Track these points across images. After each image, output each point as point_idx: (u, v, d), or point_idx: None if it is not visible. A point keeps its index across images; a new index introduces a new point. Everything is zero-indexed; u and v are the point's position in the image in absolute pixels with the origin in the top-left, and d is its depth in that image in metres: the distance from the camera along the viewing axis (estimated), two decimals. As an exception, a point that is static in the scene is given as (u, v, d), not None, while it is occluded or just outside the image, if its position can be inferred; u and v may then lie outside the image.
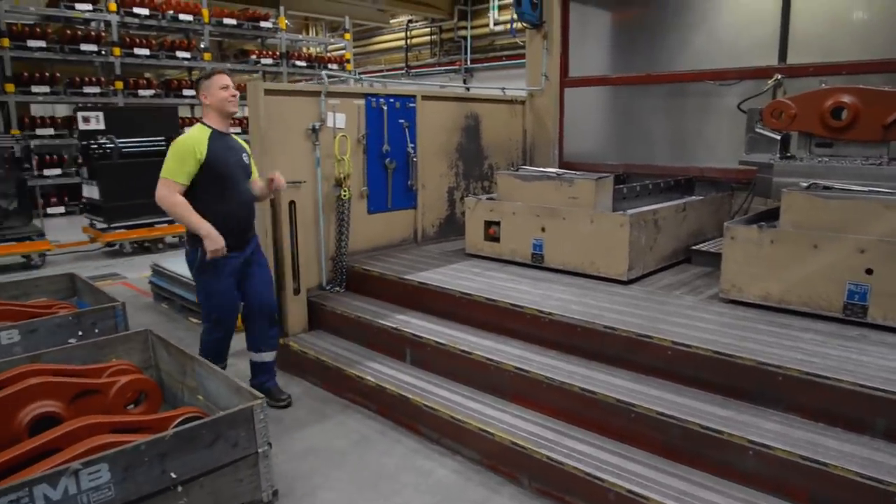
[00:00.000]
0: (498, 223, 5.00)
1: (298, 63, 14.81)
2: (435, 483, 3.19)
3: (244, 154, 3.85)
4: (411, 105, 5.47)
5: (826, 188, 3.64)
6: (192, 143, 3.53)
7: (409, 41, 20.94)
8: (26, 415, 2.93)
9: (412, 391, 3.72)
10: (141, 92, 12.75)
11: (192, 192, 3.55)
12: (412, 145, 5.49)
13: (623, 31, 6.32)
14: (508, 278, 4.53)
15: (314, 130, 4.77)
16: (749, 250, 3.76)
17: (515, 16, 6.34)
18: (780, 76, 4.85)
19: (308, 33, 21.10)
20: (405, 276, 4.63)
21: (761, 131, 4.36)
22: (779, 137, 4.28)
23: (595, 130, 6.62)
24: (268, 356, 4.03)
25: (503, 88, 6.53)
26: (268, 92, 4.45)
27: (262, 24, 13.91)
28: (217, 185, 3.59)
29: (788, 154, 4.27)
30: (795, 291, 3.62)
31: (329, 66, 15.40)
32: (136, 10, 12.23)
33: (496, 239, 5.03)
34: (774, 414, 2.91)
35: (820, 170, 3.90)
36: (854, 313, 3.46)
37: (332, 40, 17.28)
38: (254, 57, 14.07)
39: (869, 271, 3.39)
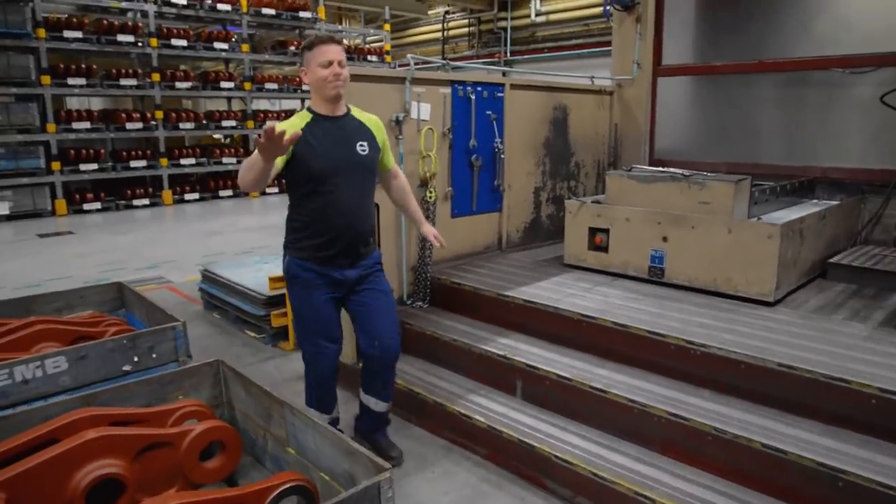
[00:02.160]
0: (606, 231, 4.36)
1: (338, 55, 14.25)
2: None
3: (362, 143, 2.97)
4: (499, 94, 4.84)
5: None
6: (290, 128, 2.83)
7: (446, 33, 20.36)
8: (84, 476, 2.35)
9: (535, 437, 3.09)
10: (178, 84, 12.27)
11: (289, 190, 2.97)
12: (499, 140, 4.86)
13: (727, 13, 5.60)
14: (627, 296, 3.89)
15: (398, 122, 4.16)
16: (947, 271, 3.09)
17: (607, -4, 5.68)
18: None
19: (341, 24, 20.58)
20: (505, 291, 4.01)
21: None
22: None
23: (692, 124, 5.93)
24: (381, 406, 3.26)
25: (592, 77, 5.87)
26: (353, 78, 3.84)
27: (301, 14, 13.36)
28: (310, 185, 2.87)
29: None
30: None
31: (369, 57, 14.83)
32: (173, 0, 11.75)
33: (604, 248, 4.40)
34: None
35: None
36: None
37: (371, 31, 16.71)
38: (293, 48, 13.53)
39: None
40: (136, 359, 3.42)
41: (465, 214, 4.81)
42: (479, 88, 4.68)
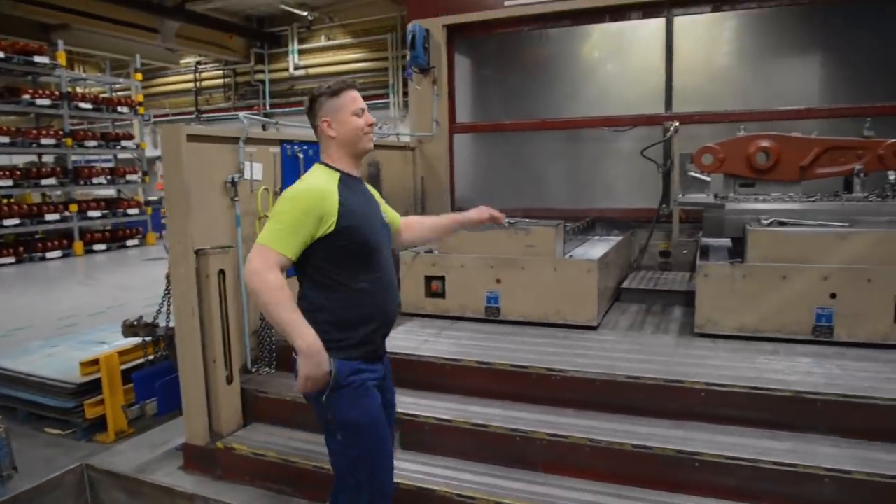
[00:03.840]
0: (442, 278, 4.66)
1: (83, 105, 12.84)
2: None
3: (380, 208, 2.60)
4: (323, 153, 4.93)
5: (781, 223, 3.97)
6: (317, 195, 2.30)
7: (199, 83, 19.52)
8: None
9: (430, 481, 3.19)
10: None
11: (318, 275, 2.36)
12: (326, 197, 4.92)
13: (513, 77, 6.42)
14: (476, 336, 4.21)
15: (233, 183, 4.03)
16: (722, 286, 3.93)
17: (408, 58, 6.13)
18: (677, 123, 5.23)
19: (81, 71, 18.52)
20: (361, 345, 4.06)
21: (694, 174, 4.65)
22: (709, 179, 4.60)
23: (488, 176, 6.61)
24: None
25: (398, 134, 6.23)
26: (190, 137, 3.66)
27: (37, 58, 11.84)
28: (357, 262, 2.36)
29: (717, 194, 4.60)
30: (770, 320, 3.86)
31: (119, 108, 13.63)
32: None
33: (440, 295, 4.68)
34: (826, 438, 3.01)
35: (764, 208, 4.24)
36: (822, 335, 3.78)
37: (119, 80, 15.37)
38: (27, 96, 11.88)
39: (833, 296, 3.74)
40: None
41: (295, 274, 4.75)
42: (306, 147, 4.72)
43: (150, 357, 4.55)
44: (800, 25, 5.64)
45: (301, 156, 4.65)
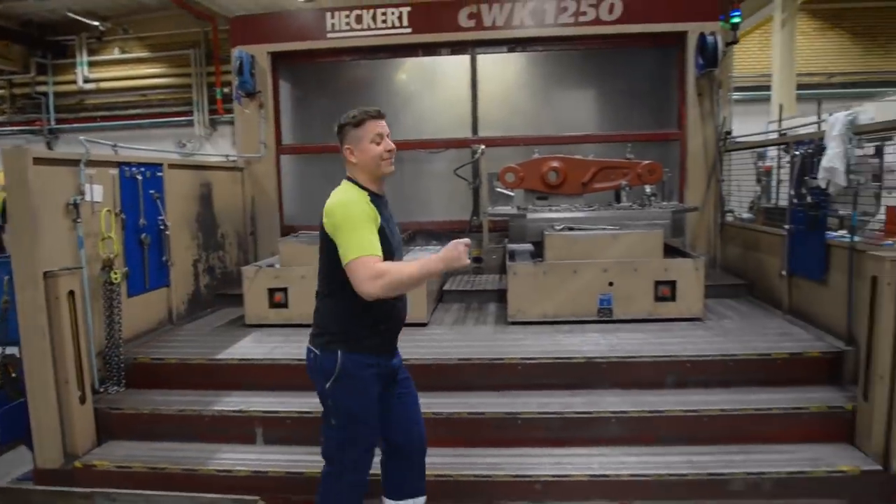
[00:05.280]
0: (285, 289, 5.01)
1: None
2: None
3: (398, 229, 2.93)
4: (159, 174, 5.04)
5: (570, 228, 4.94)
6: (363, 200, 2.57)
7: (-36, 95, 17.25)
8: None
9: (300, 466, 3.59)
10: None
11: (344, 279, 2.52)
12: (163, 217, 5.03)
13: (338, 104, 6.85)
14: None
15: (75, 205, 4.07)
16: (528, 282, 4.80)
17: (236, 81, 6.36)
18: (483, 147, 6.11)
19: None
20: (215, 356, 4.31)
21: (499, 189, 5.51)
22: (513, 194, 5.49)
23: (316, 194, 6.98)
24: (422, 500, 2.97)
25: (227, 156, 6.41)
26: (37, 160, 3.68)
27: None
28: None
29: (519, 206, 5.51)
30: (566, 306, 4.79)
31: None
32: None
33: (284, 305, 5.03)
34: (610, 391, 3.93)
35: (556, 217, 5.20)
36: (604, 315, 4.79)
37: None
38: None
39: (611, 284, 4.76)
40: None
41: (140, 293, 4.82)
42: (143, 168, 4.82)
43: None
44: (577, 66, 6.87)
45: (139, 177, 4.76)
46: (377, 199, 2.69)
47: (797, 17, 14.61)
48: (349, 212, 2.54)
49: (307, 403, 3.93)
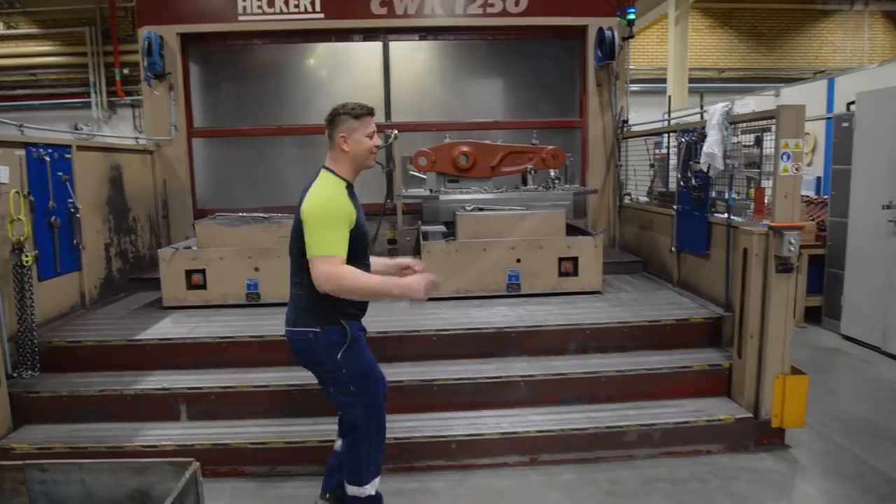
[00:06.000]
0: (203, 271, 5.06)
1: None
2: None
3: None
4: (68, 156, 4.93)
5: (480, 209, 5.25)
6: (343, 200, 2.77)
7: None
8: None
9: (226, 438, 3.73)
10: None
11: None
12: (73, 200, 4.94)
13: (251, 87, 6.91)
14: (245, 317, 4.74)
15: (-20, 188, 3.98)
16: (441, 259, 5.07)
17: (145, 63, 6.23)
18: (396, 132, 6.32)
19: None
20: (135, 337, 4.33)
21: (413, 173, 5.74)
22: (425, 177, 5.74)
23: (229, 177, 6.99)
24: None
25: (137, 138, 6.29)
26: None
27: None
28: (358, 251, 2.83)
29: (432, 189, 5.77)
30: (477, 282, 5.10)
31: None
32: None
33: (202, 286, 5.07)
34: (519, 358, 4.28)
35: (467, 198, 5.50)
36: (513, 290, 5.14)
37: None
38: None
39: (518, 261, 5.12)
40: None
41: (51, 276, 4.72)
42: (51, 150, 4.71)
43: None
44: (486, 55, 7.17)
45: (48, 159, 4.65)
46: (351, 189, 2.90)
47: (690, 14, 15.65)
48: (329, 208, 2.73)
49: (232, 379, 4.07)
